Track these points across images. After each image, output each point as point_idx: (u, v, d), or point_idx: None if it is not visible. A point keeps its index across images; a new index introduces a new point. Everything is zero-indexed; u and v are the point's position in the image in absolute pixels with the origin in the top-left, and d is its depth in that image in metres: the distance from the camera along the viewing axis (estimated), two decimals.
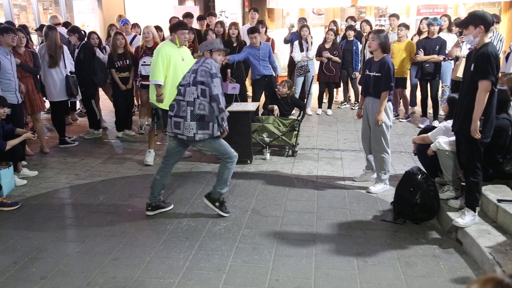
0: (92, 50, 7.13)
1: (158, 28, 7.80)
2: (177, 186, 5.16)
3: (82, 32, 7.52)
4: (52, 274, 3.43)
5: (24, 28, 7.55)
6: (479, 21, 3.64)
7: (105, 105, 8.39)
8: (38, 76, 6.31)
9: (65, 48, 6.60)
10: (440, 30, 7.59)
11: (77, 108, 8.83)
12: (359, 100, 5.44)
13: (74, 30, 7.23)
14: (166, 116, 5.18)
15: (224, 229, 4.13)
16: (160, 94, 5.46)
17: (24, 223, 4.30)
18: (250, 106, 6.42)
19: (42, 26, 7.89)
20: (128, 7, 12.70)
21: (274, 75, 7.61)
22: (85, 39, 7.35)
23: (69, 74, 6.56)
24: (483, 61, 3.58)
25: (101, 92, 7.82)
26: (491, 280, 1.06)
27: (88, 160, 6.17)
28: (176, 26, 5.53)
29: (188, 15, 8.45)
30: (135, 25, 8.98)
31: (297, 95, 8.32)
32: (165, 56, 5.35)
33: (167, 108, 5.13)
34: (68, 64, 6.57)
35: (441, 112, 7.66)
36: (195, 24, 8.74)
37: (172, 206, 4.54)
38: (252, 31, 7.30)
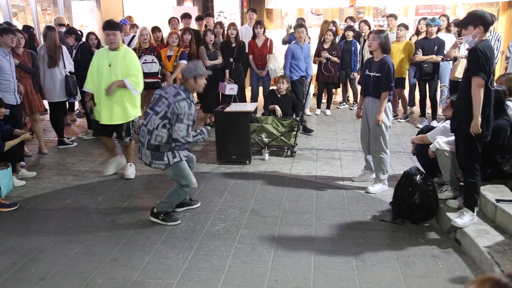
0: (90, 50, 7.13)
1: (156, 29, 7.81)
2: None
3: (79, 32, 7.52)
4: (51, 275, 3.42)
5: (28, 29, 7.60)
6: (478, 21, 3.64)
7: None
8: (36, 76, 6.31)
9: (64, 48, 6.60)
10: (439, 30, 7.60)
11: (75, 109, 8.83)
12: (358, 100, 5.45)
13: (70, 31, 7.23)
14: (97, 125, 5.29)
15: (223, 229, 4.13)
16: (86, 101, 5.40)
17: (22, 224, 4.29)
18: (248, 106, 6.42)
19: (26, 27, 7.94)
20: (127, 8, 12.68)
21: (306, 77, 7.53)
22: (83, 40, 7.34)
23: (68, 74, 6.56)
24: (472, 58, 3.64)
25: None
26: (488, 280, 1.06)
27: (86, 161, 6.17)
28: (103, 26, 5.14)
29: (186, 16, 8.45)
30: (134, 26, 8.98)
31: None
32: (93, 61, 5.21)
33: (96, 118, 5.25)
34: (67, 64, 6.56)
35: (440, 112, 7.67)
36: (193, 25, 8.73)
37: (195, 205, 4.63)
38: (299, 25, 7.36)
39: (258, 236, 4.00)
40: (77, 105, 8.84)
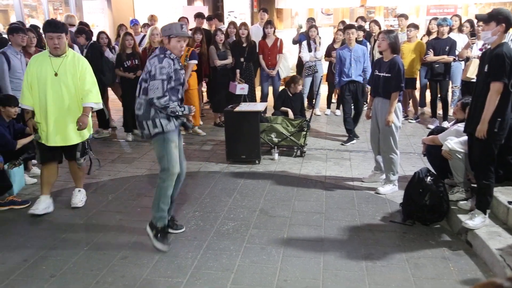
0: (100, 49, 7.18)
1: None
2: (185, 186, 5.17)
3: (89, 31, 7.56)
4: (62, 273, 3.45)
5: (34, 28, 7.63)
6: (503, 18, 3.57)
7: (114, 104, 8.43)
8: None
9: (76, 48, 6.64)
10: (451, 30, 7.54)
11: None
12: (368, 100, 5.42)
13: (80, 31, 7.28)
14: (46, 150, 4.40)
15: (232, 229, 4.13)
16: (27, 118, 4.44)
17: (34, 221, 4.33)
18: (258, 106, 6.42)
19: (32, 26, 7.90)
20: (137, 7, 12.76)
21: (362, 82, 6.78)
22: (93, 39, 7.39)
23: None
24: (497, 62, 3.54)
25: (110, 92, 7.85)
26: (490, 284, 1.05)
27: (97, 159, 6.19)
28: (44, 26, 4.29)
29: (199, 15, 8.46)
30: (145, 25, 9.03)
31: (305, 96, 8.33)
32: (29, 71, 4.27)
33: (41, 141, 4.37)
34: None
35: (451, 113, 7.61)
36: (204, 24, 8.74)
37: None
38: (349, 26, 6.90)
39: (268, 236, 3.99)
40: None
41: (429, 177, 4.17)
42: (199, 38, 7.51)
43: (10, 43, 5.60)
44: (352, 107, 6.90)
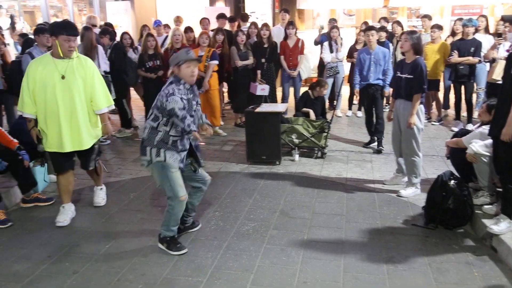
0: (123, 50, 7.27)
1: (189, 29, 7.89)
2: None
3: (113, 32, 7.66)
4: (84, 269, 3.50)
5: None
6: None
7: (136, 104, 8.53)
8: None
9: (100, 48, 6.74)
10: (476, 31, 7.40)
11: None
12: (390, 102, 5.36)
13: (105, 31, 7.39)
14: (59, 158, 4.22)
15: (252, 229, 4.13)
16: (29, 129, 4.19)
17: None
18: (279, 107, 6.41)
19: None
20: (160, 8, 12.89)
21: (382, 85, 6.39)
22: (117, 40, 7.48)
23: (103, 73, 6.69)
24: None
25: (132, 91, 7.94)
26: None
27: (119, 158, 6.29)
28: (58, 28, 3.99)
29: (222, 16, 8.49)
30: (166, 26, 9.12)
31: (326, 97, 8.28)
32: (30, 77, 3.99)
33: (53, 149, 4.16)
34: (102, 64, 6.69)
35: (475, 116, 7.46)
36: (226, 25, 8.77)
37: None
38: (369, 28, 6.54)
39: (288, 237, 3.98)
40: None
41: (452, 181, 4.09)
42: (221, 38, 7.54)
43: (36, 43, 5.72)
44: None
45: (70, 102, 4.07)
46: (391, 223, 4.25)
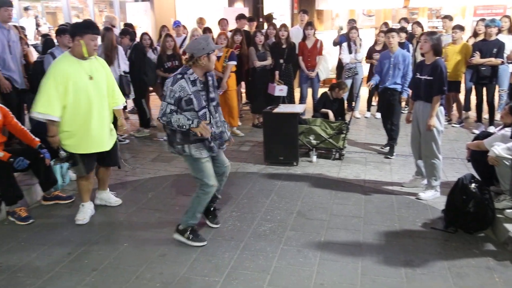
0: (143, 50, 7.34)
1: (207, 30, 7.93)
2: (223, 186, 5.20)
3: (133, 33, 7.74)
4: (103, 267, 3.54)
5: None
6: None
7: (155, 104, 8.60)
8: None
9: (120, 48, 6.81)
10: (500, 31, 7.26)
11: (128, 107, 9.10)
12: (409, 104, 5.29)
13: (125, 32, 7.47)
14: (88, 159, 4.23)
15: (269, 230, 4.13)
16: (53, 134, 4.07)
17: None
18: (297, 108, 6.39)
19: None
20: (179, 9, 12.97)
21: (399, 90, 6.11)
22: (137, 40, 7.56)
23: (122, 73, 6.77)
24: None
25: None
26: None
27: (138, 158, 6.35)
28: (83, 28, 4.02)
29: (242, 17, 8.51)
30: (184, 27, 9.17)
31: (344, 97, 8.23)
32: (59, 78, 3.91)
33: (83, 151, 4.16)
34: (122, 64, 6.77)
35: (497, 118, 7.33)
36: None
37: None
38: (389, 30, 6.25)
39: (305, 238, 3.96)
40: (129, 103, 9.10)
41: (473, 184, 4.03)
42: (239, 39, 7.55)
43: (57, 43, 5.82)
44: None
45: (101, 102, 4.15)
46: (409, 226, 4.20)
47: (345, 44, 8.26)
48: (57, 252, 3.78)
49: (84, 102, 4.03)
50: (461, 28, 7.66)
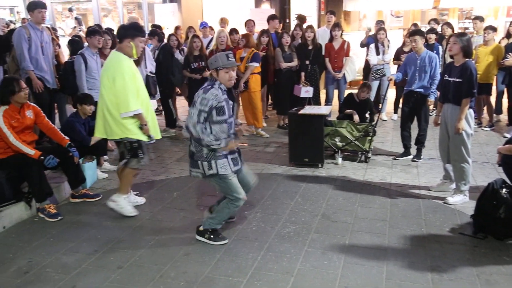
0: (171, 51, 7.42)
1: (234, 31, 7.96)
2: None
3: (161, 34, 7.84)
4: (128, 265, 3.59)
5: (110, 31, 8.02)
6: None
7: (181, 104, 8.69)
8: None
9: (147, 49, 6.91)
10: None
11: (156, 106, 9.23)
12: (437, 106, 5.18)
13: (153, 33, 7.57)
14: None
15: (293, 232, 4.11)
16: (145, 123, 4.32)
17: (104, 214, 4.55)
18: (323, 109, 6.35)
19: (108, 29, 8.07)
20: (206, 10, 13.07)
21: (426, 94, 5.86)
22: (164, 41, 7.65)
23: (149, 74, 6.86)
24: None
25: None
26: None
27: (163, 157, 6.42)
28: (135, 31, 4.27)
29: (273, 18, 8.52)
30: (211, 28, 9.23)
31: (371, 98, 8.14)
32: (131, 74, 4.20)
33: (157, 136, 4.48)
34: (148, 64, 6.86)
35: None
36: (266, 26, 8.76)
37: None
38: (412, 33, 5.98)
39: (329, 241, 3.93)
40: (155, 104, 9.22)
41: (504, 189, 3.92)
42: (266, 40, 7.56)
43: (87, 44, 5.94)
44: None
45: (146, 95, 4.47)
46: (436, 231, 4.11)
47: (372, 45, 8.17)
48: (84, 249, 3.86)
49: (142, 94, 4.33)
50: (493, 29, 7.48)
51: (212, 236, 3.89)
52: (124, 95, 4.12)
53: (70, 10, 13.16)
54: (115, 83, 4.12)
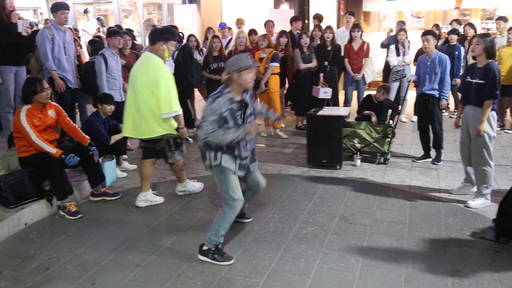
0: (190, 52, 7.45)
1: (253, 32, 7.97)
2: (265, 188, 5.20)
3: (180, 34, 7.88)
4: (146, 263, 3.62)
5: (130, 32, 8.11)
6: None
7: (200, 105, 8.72)
8: None
9: None
10: None
11: None
12: (458, 108, 5.10)
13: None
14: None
15: (311, 233, 4.09)
16: (182, 126, 4.60)
17: (123, 212, 4.61)
18: (341, 110, 6.31)
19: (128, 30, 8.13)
20: (225, 11, 13.12)
21: (437, 96, 5.76)
22: (184, 42, 7.69)
23: None
24: None
25: (196, 92, 8.12)
26: None
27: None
28: (169, 34, 4.48)
29: (297, 19, 8.51)
30: (230, 29, 9.26)
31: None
32: (171, 76, 4.47)
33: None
34: (168, 65, 6.90)
35: None
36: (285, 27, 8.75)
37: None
38: (425, 32, 5.87)
39: (347, 243, 3.90)
40: None
41: None
42: (284, 41, 7.54)
43: (107, 45, 6.01)
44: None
45: None
46: (457, 235, 4.05)
47: (392, 46, 8.09)
48: (104, 247, 3.90)
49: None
50: None
51: (216, 256, 3.61)
52: (168, 97, 4.30)
53: (85, 11, 13.34)
54: (158, 85, 4.26)
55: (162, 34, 4.43)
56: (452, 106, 9.03)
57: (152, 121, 4.39)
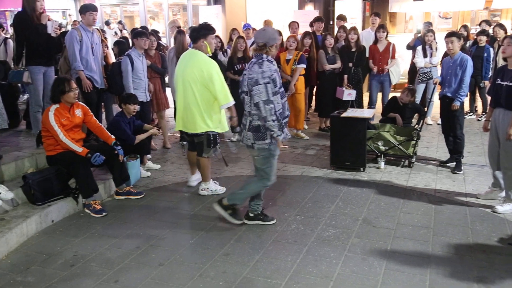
0: (215, 52, 7.48)
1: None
2: (288, 189, 5.20)
3: None
4: (169, 262, 3.66)
5: (156, 33, 8.21)
6: None
7: None
8: (164, 76, 6.80)
9: None
10: None
11: None
12: (487, 111, 4.99)
13: None
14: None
15: (333, 236, 4.06)
16: (235, 115, 4.90)
17: (146, 211, 4.66)
18: (366, 112, 6.24)
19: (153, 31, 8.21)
20: (250, 12, 13.15)
21: (454, 98, 5.59)
22: None
23: None
24: None
25: None
26: None
27: None
28: (205, 30, 4.70)
29: (319, 19, 8.47)
30: (254, 30, 9.26)
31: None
32: (219, 71, 4.67)
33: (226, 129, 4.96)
34: None
35: None
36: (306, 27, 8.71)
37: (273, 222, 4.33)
38: (449, 34, 5.71)
39: (370, 246, 3.86)
40: None
41: None
42: (308, 42, 7.51)
43: (133, 45, 6.09)
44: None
45: None
46: (484, 241, 3.95)
47: (419, 48, 7.96)
48: (127, 245, 3.96)
49: None
50: None
51: (231, 212, 4.20)
52: (224, 89, 4.59)
53: (107, 23, 13.56)
54: (212, 79, 4.51)
55: (200, 32, 4.65)
56: (480, 109, 8.85)
57: (198, 118, 4.64)
